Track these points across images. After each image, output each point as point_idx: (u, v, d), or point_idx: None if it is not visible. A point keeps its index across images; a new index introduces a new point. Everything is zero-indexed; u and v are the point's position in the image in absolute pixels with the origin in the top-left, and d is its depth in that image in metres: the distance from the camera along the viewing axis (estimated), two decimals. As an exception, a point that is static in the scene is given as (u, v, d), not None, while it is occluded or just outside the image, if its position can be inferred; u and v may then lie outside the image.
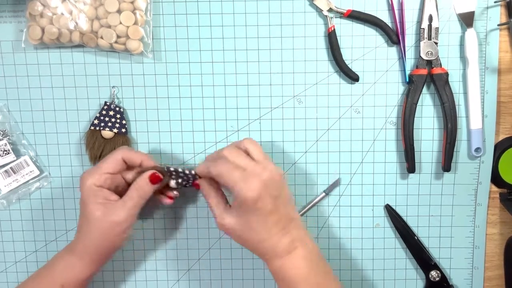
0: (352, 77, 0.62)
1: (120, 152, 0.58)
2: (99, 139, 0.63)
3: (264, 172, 0.52)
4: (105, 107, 0.62)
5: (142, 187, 0.56)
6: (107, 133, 0.62)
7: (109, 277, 0.67)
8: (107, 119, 0.62)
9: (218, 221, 0.55)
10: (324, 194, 0.64)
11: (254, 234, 0.53)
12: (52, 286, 0.56)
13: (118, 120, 0.63)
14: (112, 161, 0.57)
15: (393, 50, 0.62)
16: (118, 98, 0.63)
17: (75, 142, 0.64)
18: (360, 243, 0.66)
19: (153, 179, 0.56)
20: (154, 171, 0.57)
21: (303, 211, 0.65)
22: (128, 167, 0.59)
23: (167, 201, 0.61)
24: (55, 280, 0.56)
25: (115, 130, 0.63)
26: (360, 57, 0.62)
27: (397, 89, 0.63)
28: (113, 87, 0.63)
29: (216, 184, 0.57)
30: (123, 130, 0.63)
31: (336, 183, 0.64)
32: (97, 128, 0.62)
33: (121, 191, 0.58)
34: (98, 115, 0.63)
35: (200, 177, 0.58)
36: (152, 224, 0.66)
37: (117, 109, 0.63)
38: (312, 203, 0.64)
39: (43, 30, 0.59)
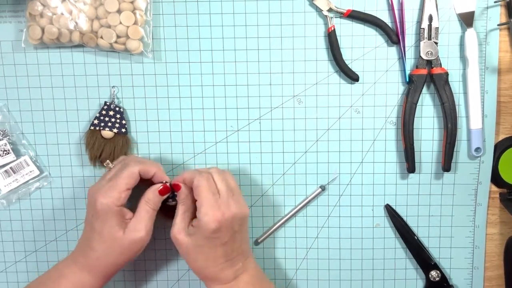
0: (352, 77, 0.62)
1: (136, 166, 0.56)
2: (99, 139, 0.63)
3: (233, 206, 0.54)
4: (105, 107, 0.62)
5: (153, 200, 0.56)
6: (107, 133, 0.62)
7: (109, 277, 0.67)
8: (107, 119, 0.62)
9: (174, 232, 0.55)
10: (320, 189, 0.64)
11: (202, 259, 0.54)
12: None
13: (118, 120, 0.63)
14: (130, 177, 0.55)
15: (393, 50, 0.62)
16: (118, 98, 0.63)
17: (75, 142, 0.64)
18: (360, 243, 0.66)
19: (163, 192, 0.57)
20: (164, 182, 0.57)
21: (298, 208, 0.65)
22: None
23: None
24: None
25: (115, 130, 0.63)
26: (360, 57, 0.62)
27: (397, 89, 0.63)
28: (113, 87, 0.63)
29: (192, 196, 0.56)
30: (123, 130, 0.63)
31: (333, 178, 0.64)
32: (97, 128, 0.62)
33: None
34: (98, 115, 0.63)
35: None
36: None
37: (117, 109, 0.63)
38: (308, 199, 0.64)
39: (43, 30, 0.59)
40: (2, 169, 0.64)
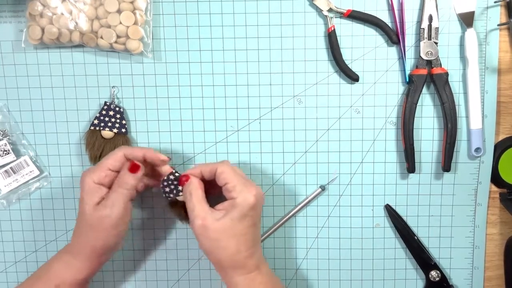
0: (352, 77, 0.62)
1: (121, 150, 0.57)
2: (99, 139, 0.63)
3: (258, 187, 0.55)
4: (105, 107, 0.62)
5: (123, 178, 0.55)
6: (107, 133, 0.62)
7: (109, 277, 0.67)
8: (107, 119, 0.62)
9: (198, 220, 0.53)
10: (320, 189, 0.64)
11: (233, 244, 0.53)
12: (47, 286, 0.56)
13: (118, 120, 0.63)
14: (113, 158, 0.56)
15: (393, 50, 0.62)
16: (118, 98, 0.63)
17: (75, 142, 0.64)
18: (360, 243, 0.66)
19: (132, 169, 0.56)
20: (133, 161, 0.56)
21: (298, 208, 0.65)
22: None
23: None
24: (51, 279, 0.56)
25: (115, 130, 0.63)
26: (360, 57, 0.62)
27: (397, 89, 0.63)
28: (113, 87, 0.63)
29: (203, 186, 0.56)
30: (123, 130, 0.63)
31: (333, 179, 0.64)
32: (97, 128, 0.62)
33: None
34: (98, 115, 0.62)
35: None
36: (152, 223, 0.66)
37: (117, 109, 0.63)
38: (308, 199, 0.64)
39: (43, 30, 0.59)
40: (2, 169, 0.64)
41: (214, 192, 0.58)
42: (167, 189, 0.58)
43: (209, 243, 0.53)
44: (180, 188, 0.57)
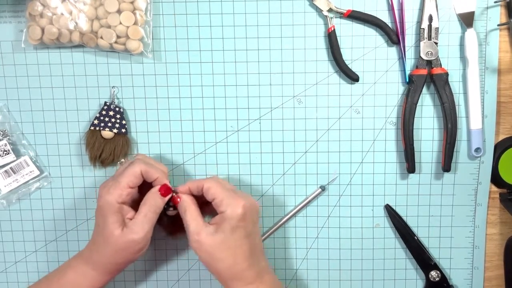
0: (352, 77, 0.62)
1: (138, 166, 0.56)
2: (99, 139, 0.63)
3: (247, 198, 0.55)
4: (105, 107, 0.62)
5: (154, 200, 0.56)
6: (107, 133, 0.62)
7: (109, 277, 0.67)
8: (107, 119, 0.62)
9: (194, 236, 0.54)
10: (320, 190, 0.64)
11: (229, 256, 0.54)
12: None
13: (118, 120, 0.63)
14: (132, 175, 0.55)
15: (393, 50, 0.62)
16: (118, 98, 0.63)
17: (75, 142, 0.64)
18: (360, 243, 0.66)
19: (164, 192, 0.56)
20: (164, 183, 0.56)
21: (298, 208, 0.65)
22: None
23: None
24: (66, 286, 0.56)
25: (115, 130, 0.63)
26: (360, 57, 0.62)
27: (397, 89, 0.63)
28: (113, 87, 0.63)
29: (196, 202, 0.57)
30: (123, 130, 0.63)
31: (333, 179, 0.64)
32: (97, 128, 0.62)
33: (133, 204, 0.57)
34: (98, 115, 0.63)
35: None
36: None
37: (117, 109, 0.63)
38: (308, 199, 0.64)
39: (43, 30, 0.59)
40: (2, 169, 0.64)
41: (208, 210, 0.59)
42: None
43: (206, 256, 0.54)
44: (170, 203, 0.57)
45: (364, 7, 0.61)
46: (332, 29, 0.61)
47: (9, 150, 0.64)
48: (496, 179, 0.64)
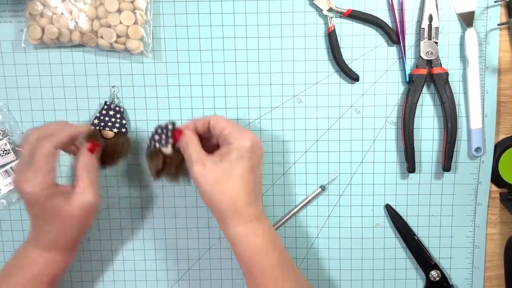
0: (352, 76, 0.62)
1: (47, 143, 0.53)
2: (99, 139, 0.63)
3: (254, 134, 0.54)
4: (105, 106, 0.62)
5: (86, 164, 0.55)
6: (107, 133, 0.62)
7: (109, 277, 0.67)
8: (107, 118, 0.62)
9: (197, 165, 0.52)
10: (320, 189, 0.64)
11: (233, 187, 0.52)
12: (36, 285, 0.55)
13: (118, 120, 0.63)
14: (48, 157, 0.53)
15: (393, 49, 0.62)
16: (118, 98, 0.63)
17: (75, 142, 0.64)
18: (360, 243, 0.66)
19: (92, 148, 0.55)
20: (89, 142, 0.56)
21: (298, 208, 0.65)
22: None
23: None
24: (29, 277, 0.54)
25: (115, 130, 0.63)
26: (360, 56, 0.62)
27: (397, 88, 0.63)
28: (113, 86, 0.63)
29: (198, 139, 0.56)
30: (123, 129, 0.63)
31: (333, 178, 0.64)
32: (97, 128, 0.62)
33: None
34: (98, 114, 0.62)
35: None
36: (152, 224, 0.66)
37: (117, 108, 0.63)
38: (308, 199, 0.64)
39: (43, 29, 0.60)
40: (2, 169, 0.64)
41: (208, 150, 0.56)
42: (157, 137, 0.57)
43: (208, 187, 0.52)
44: (170, 140, 0.56)
45: (364, 6, 0.61)
46: (332, 28, 0.61)
47: (9, 150, 0.64)
48: (496, 178, 0.64)
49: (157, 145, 0.56)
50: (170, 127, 0.56)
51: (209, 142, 0.57)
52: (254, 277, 0.53)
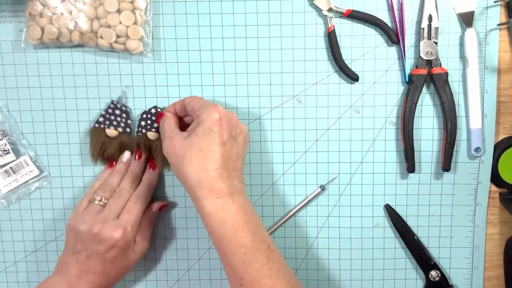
0: (352, 77, 0.62)
1: (140, 204, 0.60)
2: (103, 137, 0.62)
3: (224, 109, 0.55)
4: (112, 105, 0.62)
5: (152, 213, 0.63)
6: (111, 132, 0.62)
7: (109, 277, 0.67)
8: (112, 117, 0.62)
9: (167, 140, 0.55)
10: (320, 189, 0.64)
11: (199, 159, 0.52)
12: None
13: (123, 120, 0.62)
14: (137, 215, 0.59)
15: (393, 50, 0.62)
16: (126, 98, 0.63)
17: (75, 142, 0.64)
18: (360, 243, 0.66)
19: (163, 207, 0.64)
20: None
21: (298, 208, 0.65)
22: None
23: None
24: None
25: (120, 129, 0.62)
26: (359, 57, 0.62)
27: (397, 88, 0.63)
28: (125, 86, 0.63)
29: (177, 120, 0.59)
30: (128, 129, 0.63)
31: (332, 178, 0.64)
32: (102, 126, 0.62)
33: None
34: (104, 112, 0.62)
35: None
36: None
37: (124, 108, 0.63)
38: (308, 199, 0.64)
39: (42, 30, 0.59)
40: (2, 169, 0.64)
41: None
42: (143, 123, 0.62)
43: (176, 159, 0.53)
44: (155, 124, 0.60)
45: (364, 6, 0.61)
46: (332, 28, 0.61)
47: (8, 150, 0.64)
48: (496, 178, 0.64)
49: (143, 130, 0.61)
50: (153, 111, 0.61)
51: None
52: (225, 255, 0.53)
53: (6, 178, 0.64)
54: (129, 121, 0.63)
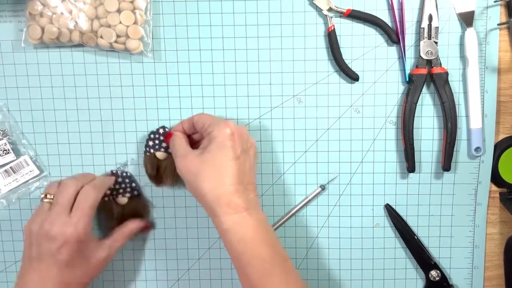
0: (352, 76, 0.62)
1: (91, 198, 0.57)
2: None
3: (235, 123, 0.55)
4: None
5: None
6: (120, 200, 0.64)
7: (109, 277, 0.67)
8: (117, 186, 0.64)
9: (181, 159, 0.54)
10: (320, 189, 0.64)
11: (215, 175, 0.52)
12: None
13: (128, 185, 0.64)
14: (88, 208, 0.57)
15: (393, 49, 0.62)
16: (125, 165, 0.64)
17: (75, 142, 0.64)
18: (360, 242, 0.66)
19: (145, 228, 0.65)
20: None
21: (298, 208, 0.65)
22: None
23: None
24: None
25: (128, 195, 0.64)
26: (360, 56, 0.62)
27: (397, 88, 0.63)
28: (122, 165, 0.64)
29: (187, 138, 0.59)
30: (135, 192, 0.64)
31: (333, 178, 0.64)
32: (110, 197, 0.63)
33: None
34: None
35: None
36: (152, 224, 0.66)
37: (124, 174, 0.64)
38: (308, 199, 0.64)
39: (43, 29, 0.59)
40: (2, 169, 0.64)
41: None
42: (151, 143, 0.61)
43: (191, 177, 0.53)
44: (163, 144, 0.60)
45: (364, 6, 0.61)
46: (332, 28, 0.61)
47: (9, 150, 0.64)
48: (496, 178, 0.64)
49: (152, 150, 0.60)
50: (161, 131, 0.61)
51: (200, 142, 0.58)
52: (243, 269, 0.52)
53: (6, 178, 0.64)
54: (133, 184, 0.64)
